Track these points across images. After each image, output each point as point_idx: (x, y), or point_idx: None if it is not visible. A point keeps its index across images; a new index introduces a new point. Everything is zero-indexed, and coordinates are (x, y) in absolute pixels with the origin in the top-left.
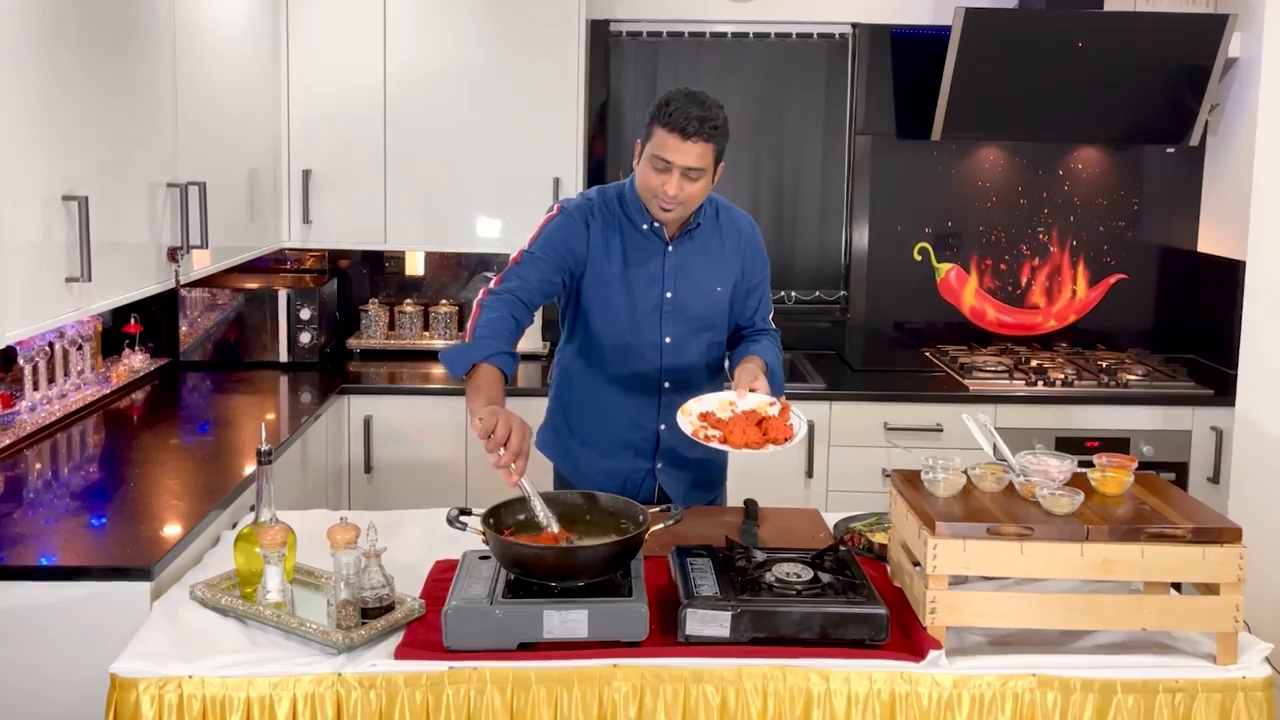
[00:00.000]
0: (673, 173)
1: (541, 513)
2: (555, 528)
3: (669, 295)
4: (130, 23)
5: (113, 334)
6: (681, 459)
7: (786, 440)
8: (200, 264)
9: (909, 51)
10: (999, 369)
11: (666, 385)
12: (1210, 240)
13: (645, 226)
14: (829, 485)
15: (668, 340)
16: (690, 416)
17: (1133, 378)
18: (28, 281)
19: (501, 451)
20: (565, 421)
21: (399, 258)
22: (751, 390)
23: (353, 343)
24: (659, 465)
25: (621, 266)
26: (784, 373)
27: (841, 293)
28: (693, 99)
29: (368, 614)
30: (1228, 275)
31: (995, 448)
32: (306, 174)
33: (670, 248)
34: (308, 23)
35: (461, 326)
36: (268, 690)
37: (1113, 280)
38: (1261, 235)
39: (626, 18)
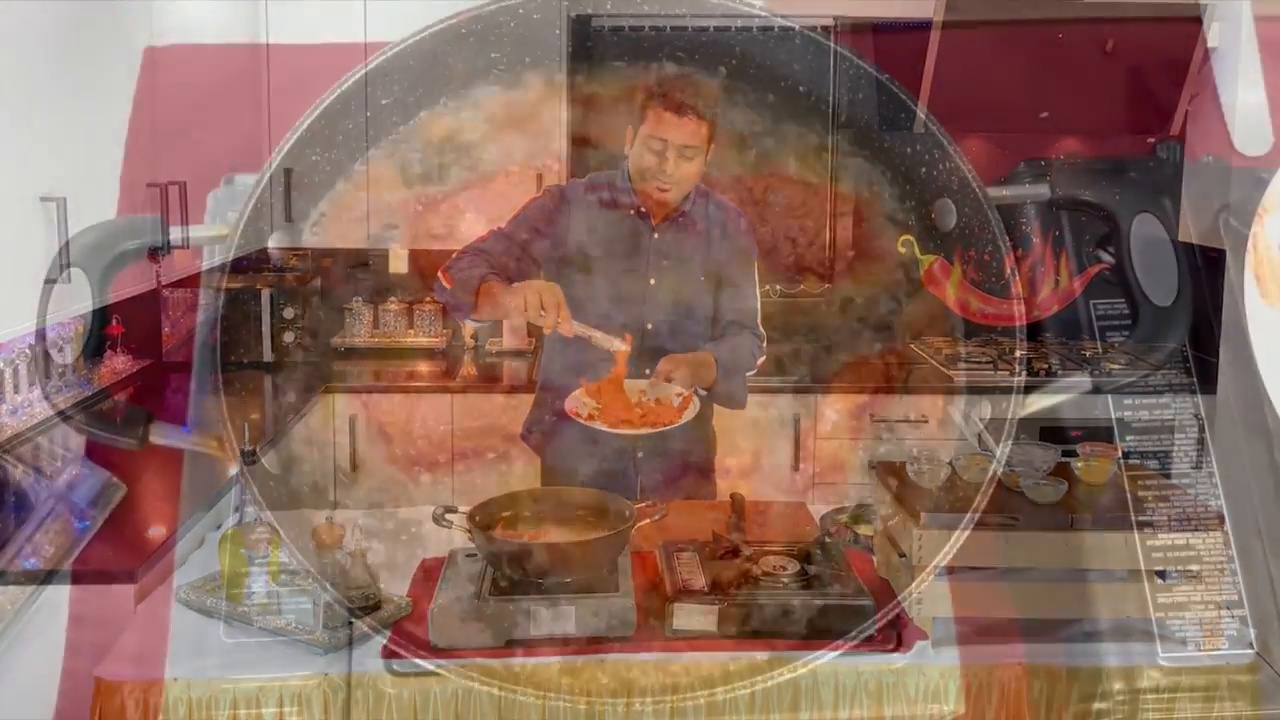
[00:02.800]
0: (668, 152)
1: (602, 339)
2: (622, 345)
3: (652, 281)
4: (108, 21)
5: (94, 335)
6: (663, 449)
7: (670, 424)
8: (182, 264)
9: (891, 44)
10: (983, 360)
11: (648, 372)
12: (1191, 230)
13: (632, 211)
14: (815, 477)
15: (649, 326)
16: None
17: (1116, 367)
18: (6, 283)
19: (543, 314)
20: (550, 409)
21: (382, 256)
22: (667, 380)
23: (337, 341)
24: (639, 455)
25: (605, 250)
26: (755, 367)
27: (826, 285)
28: (684, 78)
29: (354, 613)
30: (1209, 264)
31: (980, 438)
32: (289, 173)
33: (655, 234)
34: (289, 20)
35: (445, 325)
36: (254, 691)
37: (1095, 270)
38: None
39: (609, 12)
